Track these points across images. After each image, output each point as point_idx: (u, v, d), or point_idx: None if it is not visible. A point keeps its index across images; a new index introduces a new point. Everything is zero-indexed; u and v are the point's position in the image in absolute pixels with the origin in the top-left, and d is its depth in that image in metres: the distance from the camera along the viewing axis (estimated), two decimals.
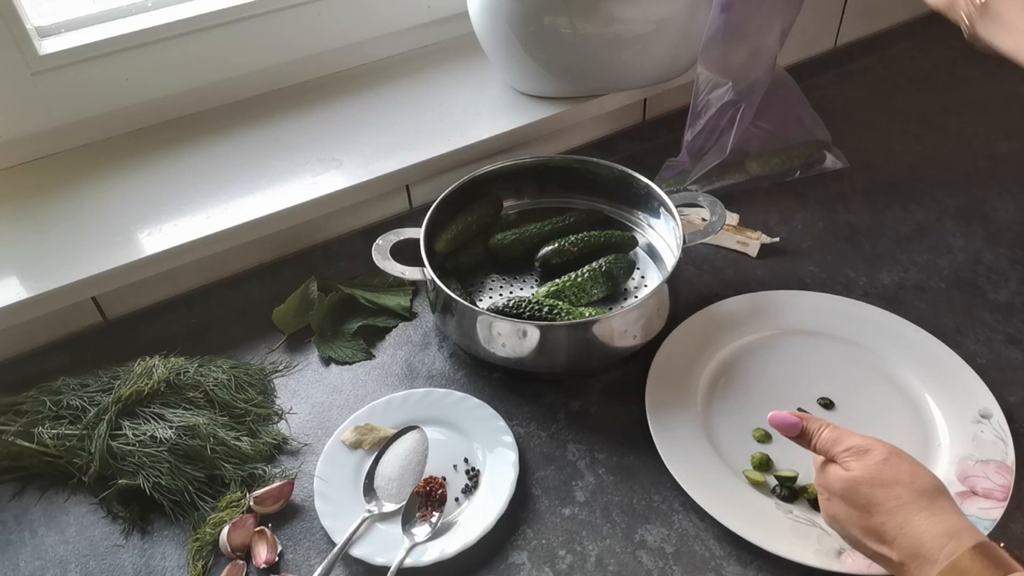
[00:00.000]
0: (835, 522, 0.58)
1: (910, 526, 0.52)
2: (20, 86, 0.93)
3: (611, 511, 0.71)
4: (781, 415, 0.60)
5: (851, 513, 0.56)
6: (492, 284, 0.92)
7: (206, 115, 1.06)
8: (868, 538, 0.55)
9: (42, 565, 0.70)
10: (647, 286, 0.91)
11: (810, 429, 0.60)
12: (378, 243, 0.85)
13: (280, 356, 0.87)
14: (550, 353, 0.78)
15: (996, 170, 1.08)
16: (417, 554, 0.67)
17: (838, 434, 0.58)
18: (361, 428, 0.77)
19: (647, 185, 0.90)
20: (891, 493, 0.54)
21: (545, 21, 0.96)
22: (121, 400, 0.76)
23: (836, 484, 0.57)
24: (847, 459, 0.57)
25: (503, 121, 1.03)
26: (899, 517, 0.53)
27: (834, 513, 0.58)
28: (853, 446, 0.57)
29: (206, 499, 0.72)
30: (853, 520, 0.56)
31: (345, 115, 1.06)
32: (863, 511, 0.55)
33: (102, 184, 0.96)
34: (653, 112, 1.18)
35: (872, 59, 1.31)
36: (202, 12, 0.99)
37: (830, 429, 0.59)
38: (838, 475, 0.57)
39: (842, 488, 0.56)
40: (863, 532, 0.55)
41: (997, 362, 0.82)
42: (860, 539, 0.56)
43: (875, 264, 0.94)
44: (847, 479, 0.56)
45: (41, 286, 0.83)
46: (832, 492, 0.57)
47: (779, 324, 0.86)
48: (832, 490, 0.57)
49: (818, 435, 0.59)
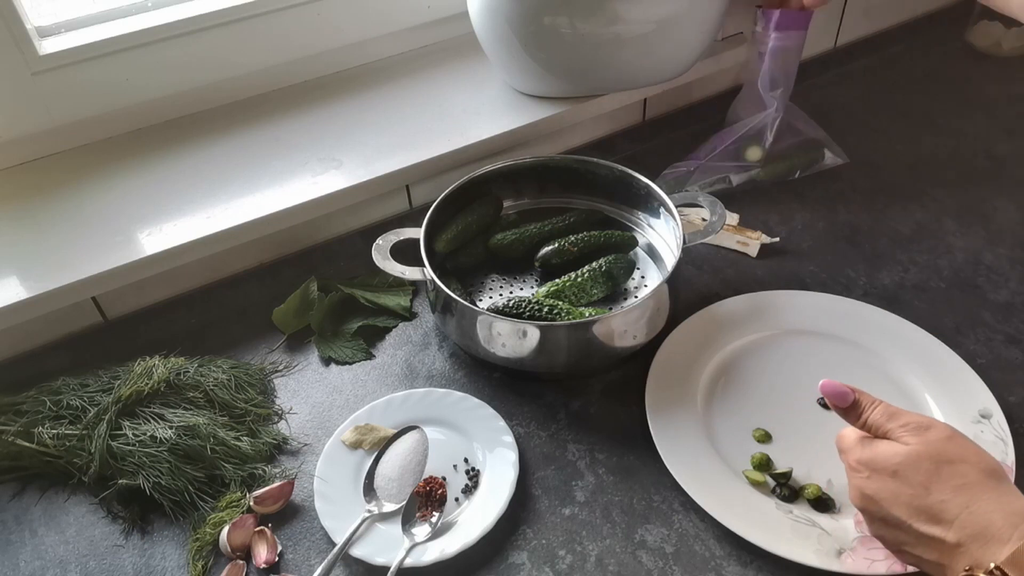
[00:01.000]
0: (872, 502, 0.55)
1: (978, 504, 0.50)
2: (20, 86, 0.93)
3: (611, 511, 0.71)
4: (834, 383, 0.59)
5: (901, 490, 0.53)
6: (492, 284, 0.92)
7: (206, 115, 1.06)
8: (918, 518, 0.52)
9: (42, 565, 0.70)
10: (647, 286, 0.91)
11: (862, 402, 0.59)
12: (378, 243, 0.85)
13: (280, 356, 0.87)
14: (550, 353, 0.78)
15: (996, 170, 1.08)
16: (417, 554, 0.67)
17: (894, 410, 0.57)
18: (361, 428, 0.77)
19: (647, 185, 0.90)
20: (957, 470, 0.52)
21: (545, 21, 0.95)
22: (121, 400, 0.76)
23: (890, 459, 0.54)
24: (904, 434, 0.55)
25: (503, 121, 1.03)
26: (965, 495, 0.51)
27: (875, 491, 0.55)
28: (912, 422, 0.56)
29: (206, 499, 0.72)
30: (902, 498, 0.53)
31: (345, 115, 1.06)
32: (920, 488, 0.52)
33: (102, 184, 0.96)
34: (653, 112, 1.18)
35: (872, 59, 1.31)
36: (202, 12, 0.99)
37: (884, 404, 0.58)
38: (893, 450, 0.55)
39: (899, 463, 0.54)
40: (912, 511, 0.53)
41: (997, 362, 0.82)
42: (904, 519, 0.53)
43: (875, 264, 0.94)
44: (908, 453, 0.54)
45: (41, 286, 0.83)
46: (879, 468, 0.55)
47: (779, 324, 0.86)
48: (880, 465, 0.55)
49: (871, 409, 0.58)
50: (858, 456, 0.57)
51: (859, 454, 0.57)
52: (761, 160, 1.03)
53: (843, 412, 0.59)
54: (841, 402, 0.59)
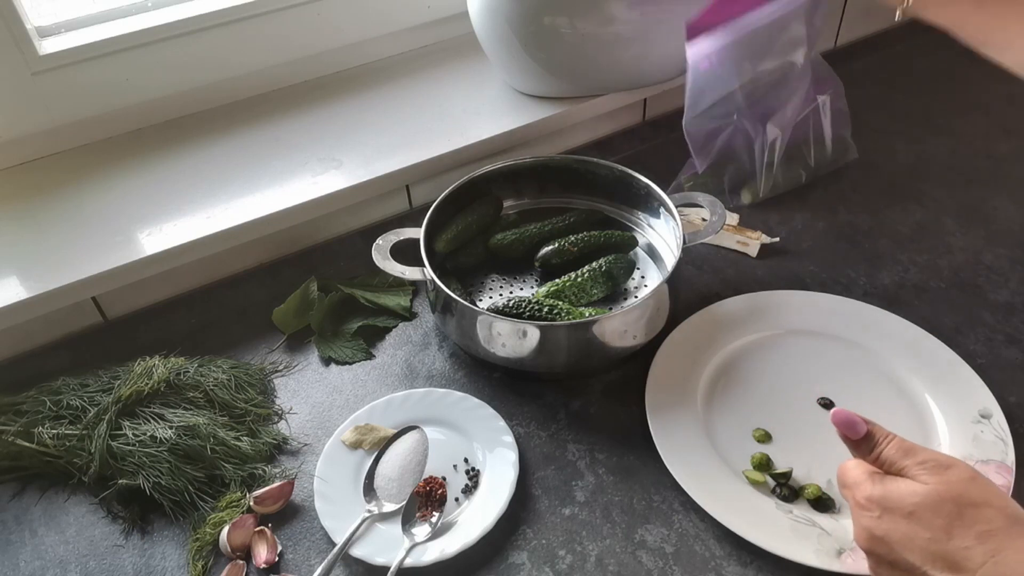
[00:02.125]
0: (882, 544, 0.51)
1: (1005, 554, 0.46)
2: (20, 86, 0.93)
3: (611, 511, 0.71)
4: (847, 413, 0.55)
5: (917, 534, 0.49)
6: (492, 284, 0.92)
7: (206, 115, 1.06)
8: (934, 565, 0.48)
9: (42, 565, 0.70)
10: (647, 286, 0.91)
11: (876, 435, 0.54)
12: (378, 243, 0.85)
13: (280, 356, 0.87)
14: (550, 353, 0.78)
15: (996, 170, 1.08)
16: (417, 554, 0.67)
17: (910, 445, 0.53)
18: (361, 428, 0.77)
19: (647, 185, 0.90)
20: (981, 515, 0.48)
21: (545, 21, 0.96)
22: (121, 400, 0.76)
23: (906, 499, 0.50)
24: (921, 473, 0.51)
25: (503, 121, 1.03)
26: (991, 543, 0.47)
27: (886, 532, 0.51)
28: (930, 459, 0.51)
29: (206, 499, 0.72)
30: (918, 542, 0.49)
31: (345, 115, 1.06)
32: (940, 532, 0.48)
33: (102, 184, 0.96)
34: (653, 112, 1.18)
35: (872, 59, 1.31)
36: (202, 12, 0.99)
37: (899, 439, 0.54)
38: (911, 488, 0.50)
39: (916, 503, 0.50)
40: (928, 557, 0.48)
41: (997, 362, 0.82)
42: (917, 565, 0.49)
43: (875, 264, 0.94)
44: (927, 493, 0.50)
45: (41, 286, 0.83)
46: (892, 507, 0.51)
47: (779, 324, 0.86)
48: (894, 505, 0.51)
49: (885, 443, 0.54)
50: (868, 493, 0.52)
51: (869, 491, 0.52)
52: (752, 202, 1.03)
53: (854, 445, 0.55)
54: (853, 434, 0.54)
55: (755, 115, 0.97)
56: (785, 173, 1.03)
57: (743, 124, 0.97)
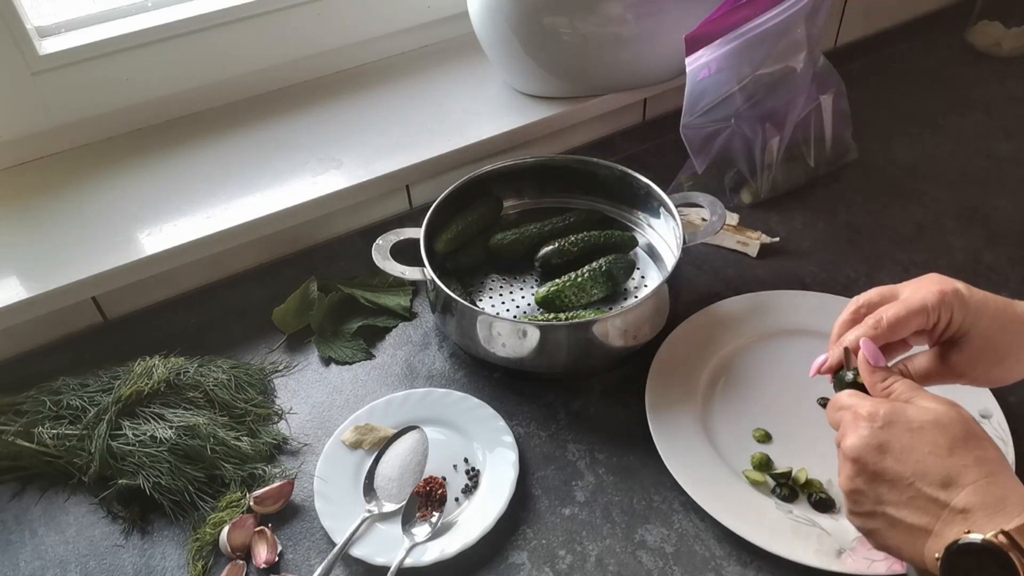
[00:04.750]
0: (875, 452, 0.52)
1: (998, 477, 0.49)
2: (20, 86, 0.93)
3: (611, 511, 0.71)
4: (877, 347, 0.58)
5: (918, 446, 0.51)
6: (492, 284, 0.92)
7: (206, 115, 1.06)
8: (925, 477, 0.50)
9: (42, 565, 0.70)
10: (647, 286, 0.91)
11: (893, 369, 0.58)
12: (378, 243, 0.85)
13: (280, 356, 0.87)
14: (550, 353, 0.78)
15: (996, 170, 1.08)
16: (417, 554, 0.67)
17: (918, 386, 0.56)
18: (361, 428, 0.77)
19: (647, 185, 0.90)
20: (982, 444, 0.51)
21: (545, 21, 0.96)
22: (121, 400, 0.76)
23: (916, 416, 0.52)
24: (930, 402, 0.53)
25: (503, 121, 1.03)
26: (987, 467, 0.50)
27: (885, 441, 0.52)
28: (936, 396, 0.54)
29: (206, 499, 0.72)
30: (916, 455, 0.51)
31: (345, 115, 1.06)
32: (943, 448, 0.50)
33: (102, 184, 0.96)
34: (653, 112, 1.18)
35: (872, 59, 1.31)
36: (202, 12, 0.99)
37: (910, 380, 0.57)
38: (922, 407, 0.53)
39: (926, 420, 0.52)
40: (923, 470, 0.50)
41: None
42: (907, 476, 0.50)
43: (875, 264, 0.94)
44: (939, 413, 0.52)
45: (41, 286, 0.83)
46: (900, 421, 0.52)
47: (779, 324, 0.86)
48: (903, 418, 0.52)
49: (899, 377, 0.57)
50: (874, 408, 0.54)
51: (877, 407, 0.54)
52: (752, 202, 1.03)
53: (870, 370, 0.57)
54: (878, 362, 0.57)
55: (755, 116, 0.97)
56: (785, 173, 1.03)
57: (742, 126, 0.97)
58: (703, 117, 0.95)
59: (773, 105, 0.97)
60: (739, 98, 0.94)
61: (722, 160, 1.01)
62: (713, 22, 0.89)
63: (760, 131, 0.98)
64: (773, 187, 1.02)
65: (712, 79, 0.92)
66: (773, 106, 0.97)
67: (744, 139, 0.99)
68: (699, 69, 0.91)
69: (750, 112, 0.96)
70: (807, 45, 0.93)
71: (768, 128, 0.98)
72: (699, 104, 0.94)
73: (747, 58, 0.92)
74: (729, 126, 0.96)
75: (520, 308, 0.88)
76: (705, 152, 0.97)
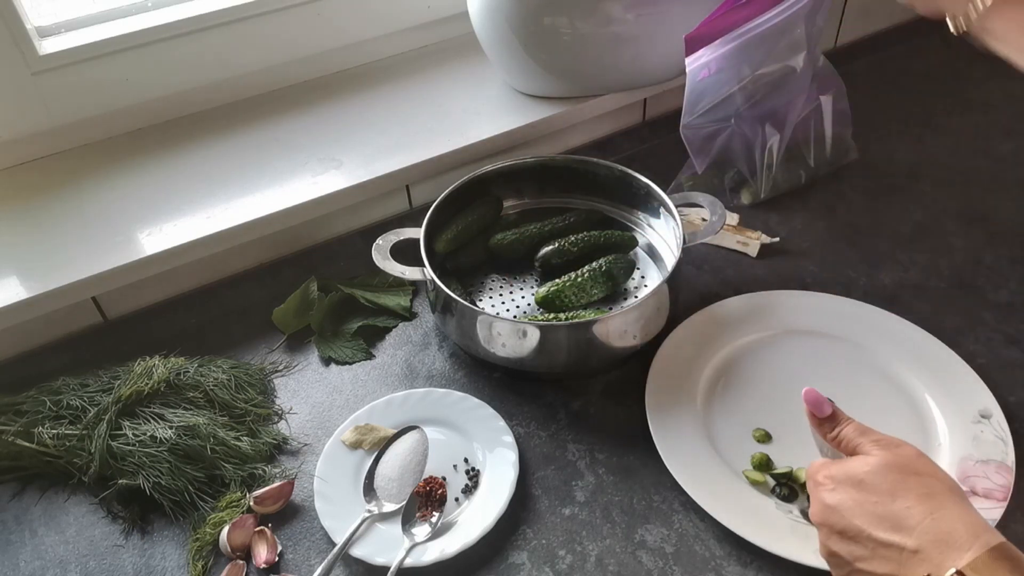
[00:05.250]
0: (833, 512, 0.55)
1: (943, 512, 0.51)
2: (20, 86, 0.93)
3: (611, 511, 0.71)
4: (816, 393, 0.60)
5: (865, 499, 0.54)
6: (492, 284, 0.92)
7: (206, 115, 1.06)
8: (879, 525, 0.52)
9: (42, 565, 0.70)
10: (647, 286, 0.91)
11: (839, 416, 0.59)
12: (378, 243, 0.85)
13: (280, 356, 0.87)
14: (550, 353, 0.78)
15: (996, 170, 1.08)
16: (417, 554, 0.67)
17: (866, 428, 0.58)
18: (361, 428, 0.77)
19: (647, 185, 0.90)
20: (923, 481, 0.53)
21: (545, 21, 0.96)
22: (121, 400, 0.76)
23: (858, 469, 0.55)
24: (873, 448, 0.56)
25: (503, 121, 1.03)
26: (929, 503, 0.52)
27: (838, 502, 0.55)
28: (883, 438, 0.57)
29: (206, 499, 0.72)
30: (866, 506, 0.53)
31: (345, 115, 1.06)
32: (885, 495, 0.53)
33: (102, 184, 0.96)
34: (653, 112, 1.18)
35: (872, 59, 1.31)
36: (202, 12, 0.99)
37: (857, 422, 0.59)
38: (863, 460, 0.55)
39: (866, 471, 0.54)
40: (874, 519, 0.53)
41: (997, 362, 0.82)
42: (863, 528, 0.53)
43: (875, 264, 0.94)
44: (876, 463, 0.55)
45: (41, 286, 0.83)
46: (845, 479, 0.55)
47: (779, 324, 0.86)
48: (847, 476, 0.55)
49: (846, 423, 0.59)
50: (827, 472, 0.57)
51: (827, 470, 0.57)
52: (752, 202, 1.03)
53: (818, 424, 0.60)
54: (819, 412, 0.60)
55: (755, 116, 0.97)
56: (785, 173, 1.03)
57: (742, 126, 0.97)
58: (703, 117, 0.95)
59: (773, 105, 0.97)
60: (739, 98, 0.94)
61: (722, 160, 1.01)
62: (713, 22, 0.89)
63: (760, 131, 0.98)
64: (773, 187, 1.02)
65: (712, 79, 0.92)
66: (773, 106, 0.97)
67: (744, 139, 0.99)
68: (699, 69, 0.91)
69: (750, 112, 0.96)
70: (807, 45, 0.93)
71: (768, 128, 0.98)
72: (699, 104, 0.94)
73: (747, 58, 0.92)
74: (729, 126, 0.96)
75: (520, 308, 0.88)
76: (705, 152, 0.97)
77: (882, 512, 0.53)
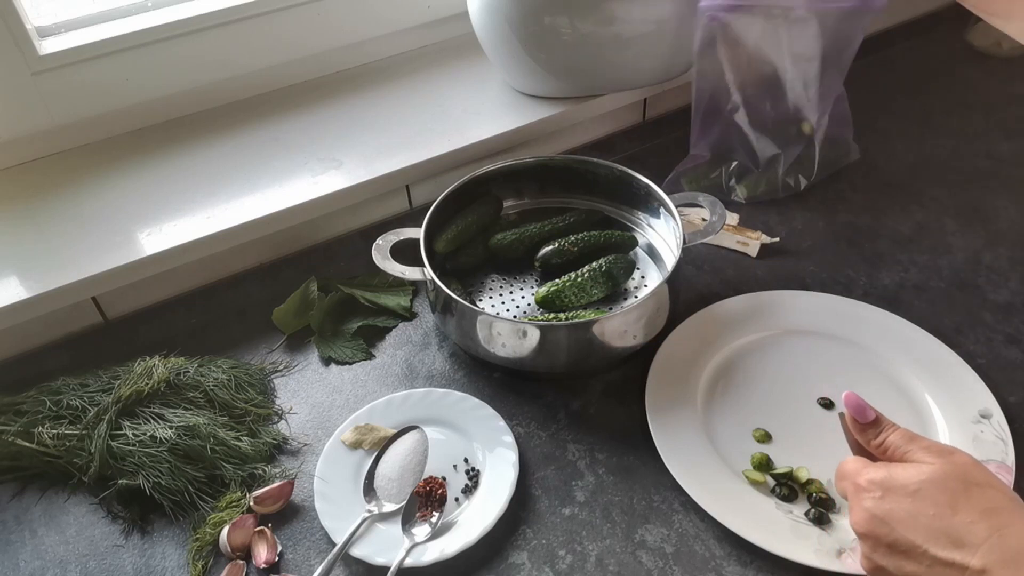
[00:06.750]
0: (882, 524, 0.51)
1: (1011, 529, 0.47)
2: (20, 86, 0.93)
3: (611, 511, 0.71)
4: (859, 398, 0.57)
5: (921, 511, 0.50)
6: (492, 284, 0.92)
7: (206, 115, 1.06)
8: (937, 542, 0.49)
9: (42, 565, 0.70)
10: (647, 286, 0.91)
11: (883, 421, 0.56)
12: (378, 243, 0.85)
13: (280, 356, 0.87)
14: (550, 353, 0.78)
15: (996, 170, 1.08)
16: (417, 554, 0.67)
17: (913, 434, 0.55)
18: (361, 428, 0.77)
19: (647, 185, 0.90)
20: (985, 494, 0.49)
21: (545, 21, 0.96)
22: (121, 400, 0.76)
23: (911, 478, 0.51)
24: (925, 456, 0.52)
25: (503, 121, 1.03)
26: (996, 519, 0.48)
27: (887, 512, 0.51)
28: (934, 445, 0.53)
29: (206, 499, 0.72)
30: (921, 520, 0.49)
31: (345, 115, 1.06)
32: (944, 508, 0.49)
33: (102, 184, 0.96)
34: (653, 112, 1.18)
35: (872, 59, 1.31)
36: (202, 12, 0.99)
37: (904, 428, 0.56)
38: (916, 469, 0.52)
39: (922, 481, 0.50)
40: (931, 534, 0.49)
41: (997, 362, 0.82)
42: (919, 543, 0.49)
43: (875, 264, 0.94)
44: (932, 472, 0.51)
45: (41, 286, 0.83)
46: (896, 487, 0.52)
47: (779, 324, 0.86)
48: (898, 484, 0.52)
49: (892, 429, 0.56)
50: (870, 476, 0.53)
51: (871, 474, 0.53)
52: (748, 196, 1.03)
53: (860, 429, 0.57)
54: (862, 417, 0.57)
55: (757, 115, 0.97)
56: (785, 174, 1.03)
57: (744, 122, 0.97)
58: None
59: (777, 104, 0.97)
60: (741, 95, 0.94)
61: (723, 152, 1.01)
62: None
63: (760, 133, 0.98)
64: (773, 187, 1.02)
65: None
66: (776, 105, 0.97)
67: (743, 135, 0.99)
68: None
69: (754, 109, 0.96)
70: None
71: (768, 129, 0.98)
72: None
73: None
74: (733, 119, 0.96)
75: (520, 308, 0.88)
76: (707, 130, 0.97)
77: (941, 527, 0.49)
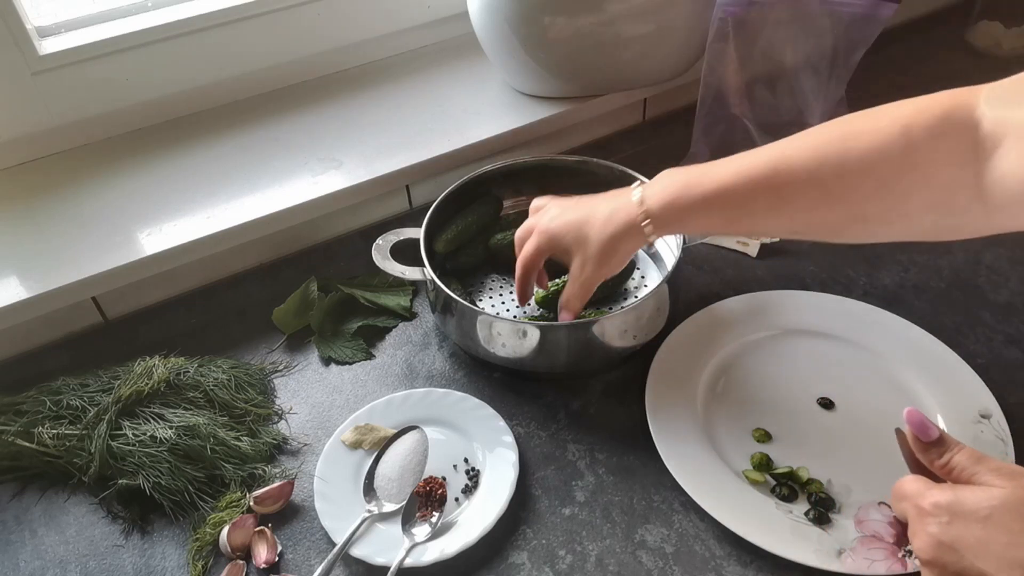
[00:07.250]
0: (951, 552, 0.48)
1: None
2: (20, 86, 0.93)
3: (611, 511, 0.71)
4: (922, 415, 0.54)
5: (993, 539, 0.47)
6: (492, 284, 0.92)
7: (206, 115, 1.06)
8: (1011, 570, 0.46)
9: (42, 565, 0.70)
10: (647, 286, 0.91)
11: (948, 440, 0.53)
12: (378, 243, 0.85)
13: (280, 356, 0.87)
14: (550, 353, 0.78)
15: None
16: (417, 554, 0.67)
17: (981, 454, 0.51)
18: (361, 428, 0.77)
19: None
20: None
21: (545, 21, 0.96)
22: (121, 400, 0.76)
23: (981, 503, 0.48)
24: (996, 479, 0.49)
25: (503, 121, 1.03)
26: None
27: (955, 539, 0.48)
28: (1003, 467, 0.50)
29: (206, 499, 0.72)
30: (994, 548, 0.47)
31: (345, 115, 1.06)
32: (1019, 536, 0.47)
33: (102, 184, 0.96)
34: (653, 112, 1.18)
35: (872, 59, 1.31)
36: (202, 12, 0.99)
37: (971, 449, 0.52)
38: (987, 493, 0.49)
39: (993, 506, 0.48)
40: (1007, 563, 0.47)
41: (997, 362, 0.82)
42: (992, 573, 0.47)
43: (875, 264, 0.94)
44: (1005, 496, 0.48)
45: (41, 286, 0.83)
46: (965, 512, 0.49)
47: (779, 324, 0.86)
48: (967, 509, 0.49)
49: (958, 449, 0.52)
50: (935, 499, 0.50)
51: (936, 497, 0.50)
52: None
53: (922, 448, 0.54)
54: (925, 436, 0.54)
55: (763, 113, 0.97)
56: None
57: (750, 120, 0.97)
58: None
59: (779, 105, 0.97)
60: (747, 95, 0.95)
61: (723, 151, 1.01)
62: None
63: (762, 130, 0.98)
64: None
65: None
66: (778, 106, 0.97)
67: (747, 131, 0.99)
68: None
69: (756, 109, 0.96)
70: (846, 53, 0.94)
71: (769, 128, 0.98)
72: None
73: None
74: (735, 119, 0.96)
75: (520, 308, 0.88)
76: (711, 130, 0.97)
77: (1015, 556, 0.46)
